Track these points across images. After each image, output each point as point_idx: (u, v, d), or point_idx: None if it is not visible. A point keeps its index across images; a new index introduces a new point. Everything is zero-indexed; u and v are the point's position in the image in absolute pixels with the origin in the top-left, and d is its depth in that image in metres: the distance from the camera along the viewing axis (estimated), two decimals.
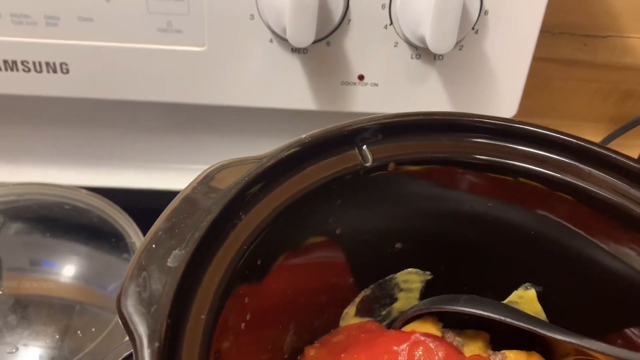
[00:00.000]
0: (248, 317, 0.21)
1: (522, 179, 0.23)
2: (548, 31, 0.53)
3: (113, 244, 0.43)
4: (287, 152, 0.22)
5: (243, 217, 0.20)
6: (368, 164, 0.23)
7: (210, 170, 0.20)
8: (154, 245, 0.18)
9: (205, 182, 0.20)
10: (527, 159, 0.23)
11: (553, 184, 0.23)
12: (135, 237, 0.43)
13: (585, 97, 0.56)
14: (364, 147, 0.23)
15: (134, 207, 0.44)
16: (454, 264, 0.28)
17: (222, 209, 0.19)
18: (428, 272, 0.28)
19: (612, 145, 0.52)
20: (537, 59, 0.41)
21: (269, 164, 0.21)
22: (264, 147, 0.47)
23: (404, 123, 0.24)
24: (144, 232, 0.43)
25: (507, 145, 0.23)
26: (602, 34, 0.53)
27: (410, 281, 0.28)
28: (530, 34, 0.40)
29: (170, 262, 0.17)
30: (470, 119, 0.24)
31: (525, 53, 0.40)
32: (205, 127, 0.46)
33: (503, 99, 0.42)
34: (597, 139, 0.54)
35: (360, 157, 0.23)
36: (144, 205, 0.46)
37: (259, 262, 0.21)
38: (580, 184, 0.23)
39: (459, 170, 0.24)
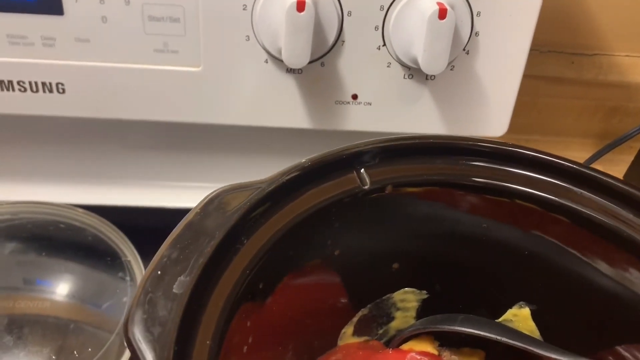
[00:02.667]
0: (250, 339, 0.21)
1: (518, 201, 0.24)
2: (536, 49, 0.54)
3: (108, 263, 0.43)
4: (288, 177, 0.22)
5: (245, 241, 0.20)
6: (366, 187, 0.24)
7: (212, 195, 0.21)
8: (159, 272, 0.18)
9: (207, 208, 0.20)
10: (523, 182, 0.24)
11: (548, 205, 0.24)
12: (130, 255, 0.43)
13: (573, 113, 0.57)
14: (362, 170, 0.24)
15: (128, 225, 0.44)
16: (450, 283, 0.28)
17: (225, 235, 0.19)
18: (424, 292, 0.28)
19: (601, 161, 0.53)
20: (525, 76, 0.42)
21: (269, 189, 0.21)
22: (259, 165, 0.48)
23: (401, 146, 0.24)
24: (139, 250, 0.43)
25: (504, 168, 0.24)
26: (589, 52, 0.54)
27: (407, 300, 0.28)
28: (520, 54, 0.41)
29: (176, 289, 0.17)
30: (467, 142, 0.25)
31: (515, 72, 0.41)
32: (200, 146, 0.46)
33: (494, 118, 0.43)
34: (585, 154, 0.55)
35: (358, 181, 0.24)
36: (138, 223, 0.46)
37: (260, 286, 0.21)
38: (574, 205, 0.23)
39: (456, 192, 0.24)
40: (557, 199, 0.24)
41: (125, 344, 0.17)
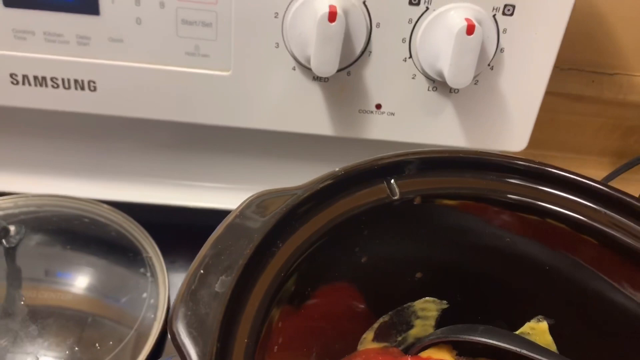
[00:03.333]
0: (280, 340, 0.22)
1: (549, 220, 0.24)
2: (557, 66, 0.54)
3: (130, 258, 0.43)
4: (322, 184, 0.23)
5: (281, 245, 0.21)
6: (395, 197, 0.24)
7: (251, 199, 0.22)
8: (202, 271, 0.19)
9: (246, 211, 0.21)
10: (555, 201, 0.24)
11: (578, 226, 0.24)
12: (152, 252, 0.44)
13: (591, 131, 0.57)
14: (392, 181, 0.25)
15: (151, 223, 0.45)
16: (470, 294, 0.29)
17: (263, 238, 0.20)
18: (444, 301, 0.29)
19: (617, 180, 0.54)
20: (545, 93, 0.42)
21: (304, 196, 0.22)
22: (282, 169, 0.48)
23: (432, 159, 0.25)
24: (160, 247, 0.44)
25: (537, 187, 0.25)
26: (609, 72, 0.54)
27: (427, 309, 0.29)
28: (543, 72, 0.41)
29: (218, 288, 0.18)
30: (499, 158, 0.25)
31: (537, 89, 0.42)
32: (225, 148, 0.47)
33: (514, 133, 0.44)
34: (601, 172, 0.55)
35: (388, 191, 0.24)
36: (161, 220, 0.47)
37: (293, 289, 0.22)
38: (603, 227, 0.24)
39: (487, 207, 0.25)
40: (587, 219, 0.24)
41: (170, 338, 0.17)
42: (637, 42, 0.53)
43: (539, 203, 0.24)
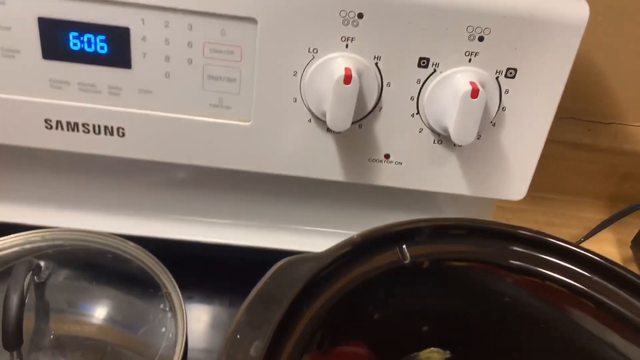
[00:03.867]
0: None
1: (548, 283, 0.27)
2: (556, 116, 0.57)
3: (150, 294, 0.46)
4: (342, 251, 0.26)
5: (306, 310, 0.24)
6: (406, 262, 0.27)
7: (278, 265, 0.24)
8: (238, 336, 0.21)
9: (274, 278, 0.24)
10: (555, 269, 0.27)
11: (576, 291, 0.27)
12: (171, 288, 0.46)
13: (587, 176, 0.60)
14: (404, 246, 0.27)
15: (170, 256, 0.48)
16: (472, 345, 0.31)
17: (291, 303, 0.23)
18: (448, 352, 0.32)
19: (614, 225, 0.56)
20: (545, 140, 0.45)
21: (327, 262, 0.25)
22: (297, 208, 0.51)
23: (440, 227, 0.28)
24: (179, 282, 0.47)
25: (539, 255, 0.27)
26: (605, 121, 0.57)
27: (432, 359, 0.32)
28: (542, 128, 0.44)
29: (253, 352, 0.21)
30: (498, 227, 0.28)
31: (536, 144, 0.45)
32: (241, 186, 0.50)
33: (514, 183, 0.46)
34: (598, 215, 0.58)
35: (400, 255, 0.27)
36: (179, 254, 0.50)
37: (315, 347, 0.24)
38: (598, 296, 0.27)
39: (489, 269, 0.27)
40: (582, 287, 0.27)
41: None
42: (632, 92, 0.56)
43: (539, 270, 0.27)
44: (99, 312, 0.45)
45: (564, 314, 0.28)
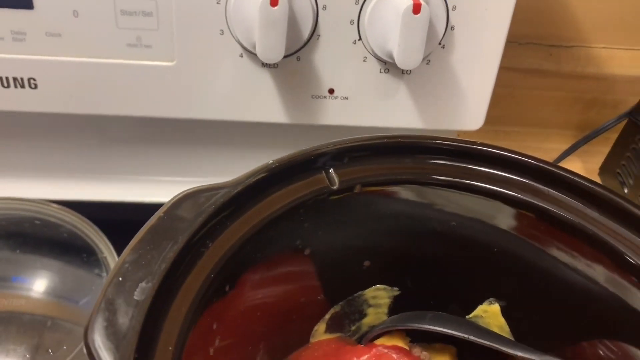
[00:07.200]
0: (217, 342, 0.21)
1: (481, 197, 0.24)
2: (515, 41, 0.54)
3: (84, 259, 0.42)
4: (255, 179, 0.22)
5: (210, 244, 0.20)
6: (335, 187, 0.24)
7: (176, 199, 0.21)
8: (120, 278, 0.18)
9: (171, 212, 0.20)
10: (488, 180, 0.24)
11: (514, 203, 0.24)
12: (107, 252, 0.43)
13: (552, 105, 0.57)
14: (331, 170, 0.24)
15: (105, 220, 0.44)
16: (421, 280, 0.28)
17: (188, 239, 0.19)
18: (395, 288, 0.28)
19: (578, 152, 0.54)
20: (503, 68, 0.42)
21: (235, 192, 0.21)
22: (235, 159, 0.47)
23: (369, 146, 0.24)
24: (116, 247, 0.43)
25: (467, 166, 0.24)
26: (567, 44, 0.54)
27: (379, 297, 0.29)
28: (496, 48, 0.41)
29: (137, 295, 0.17)
30: (432, 141, 0.25)
31: (491, 66, 0.41)
32: (175, 140, 0.46)
33: (470, 111, 0.43)
34: (563, 145, 0.55)
35: (327, 181, 0.24)
36: (115, 218, 0.46)
37: (227, 288, 0.21)
38: (539, 203, 0.24)
39: (422, 190, 0.24)
40: (521, 196, 0.24)
41: (85, 351, 0.16)
42: (593, 13, 0.53)
43: (468, 182, 0.24)
44: (34, 284, 0.42)
45: (508, 233, 0.25)
